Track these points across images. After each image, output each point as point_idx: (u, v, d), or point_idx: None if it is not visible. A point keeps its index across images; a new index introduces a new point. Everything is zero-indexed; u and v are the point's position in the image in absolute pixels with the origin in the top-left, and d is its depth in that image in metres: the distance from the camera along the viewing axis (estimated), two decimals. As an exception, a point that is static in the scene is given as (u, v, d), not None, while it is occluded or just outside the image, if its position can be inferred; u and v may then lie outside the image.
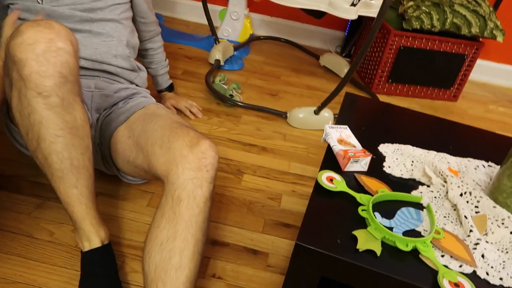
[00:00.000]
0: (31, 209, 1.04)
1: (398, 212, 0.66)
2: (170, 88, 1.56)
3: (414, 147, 0.84)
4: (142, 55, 1.40)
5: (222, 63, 1.92)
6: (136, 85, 1.17)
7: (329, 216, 0.64)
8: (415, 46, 1.88)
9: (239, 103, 1.65)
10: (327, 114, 1.59)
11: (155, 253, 0.75)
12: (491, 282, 0.57)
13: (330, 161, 0.76)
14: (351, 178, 0.73)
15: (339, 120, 0.91)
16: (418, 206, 0.69)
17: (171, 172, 0.80)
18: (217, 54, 1.91)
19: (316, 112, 1.57)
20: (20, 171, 1.15)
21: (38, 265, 0.91)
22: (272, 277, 0.97)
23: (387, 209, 0.66)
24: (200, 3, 1.97)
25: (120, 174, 1.07)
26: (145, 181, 1.14)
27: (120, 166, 1.01)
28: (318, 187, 0.69)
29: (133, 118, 0.99)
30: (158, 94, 1.56)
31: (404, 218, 0.65)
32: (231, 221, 1.11)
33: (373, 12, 1.71)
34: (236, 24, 2.18)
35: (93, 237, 0.84)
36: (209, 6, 1.97)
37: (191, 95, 1.70)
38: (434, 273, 0.57)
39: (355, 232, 0.60)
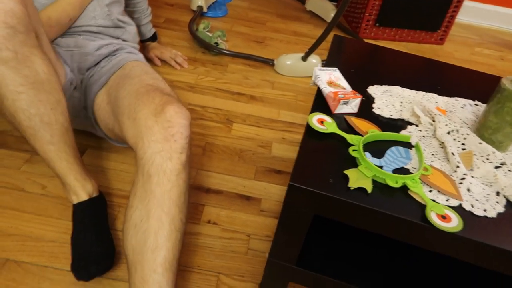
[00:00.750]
0: (20, 163, 1.03)
1: (388, 151, 0.67)
2: (154, 37, 1.51)
3: (403, 88, 0.84)
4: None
5: (205, 9, 1.85)
6: (123, 40, 1.11)
7: (321, 157, 0.66)
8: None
9: (225, 51, 1.61)
10: (314, 60, 1.57)
11: (131, 235, 0.72)
12: (476, 213, 0.60)
13: (320, 104, 0.76)
14: (341, 120, 0.74)
15: (328, 62, 0.90)
16: (407, 145, 0.70)
17: (138, 146, 0.75)
18: (199, 0, 1.83)
19: (304, 59, 1.55)
20: (4, 126, 1.12)
21: (33, 217, 0.92)
22: (266, 221, 1.00)
23: (377, 149, 0.68)
24: None
25: (107, 138, 1.05)
26: None
27: (104, 131, 0.99)
28: (309, 129, 0.70)
29: (111, 80, 0.95)
30: (142, 45, 1.51)
31: (393, 157, 0.67)
32: (223, 169, 1.13)
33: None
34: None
35: (79, 191, 0.84)
36: None
37: (175, 44, 1.65)
38: (423, 207, 0.59)
39: (347, 172, 0.62)
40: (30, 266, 0.83)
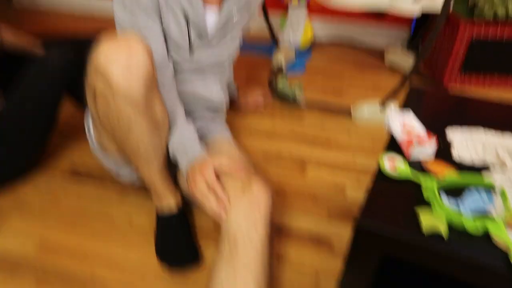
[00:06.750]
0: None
1: (467, 191, 0.63)
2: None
3: (486, 130, 0.80)
4: None
5: (284, 69, 1.93)
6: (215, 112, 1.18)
7: (391, 200, 0.64)
8: (488, 38, 1.76)
9: (302, 103, 1.66)
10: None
11: None
12: None
13: (394, 146, 0.75)
14: (417, 165, 0.71)
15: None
16: (490, 189, 0.66)
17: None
18: (280, 59, 1.92)
19: (381, 108, 1.54)
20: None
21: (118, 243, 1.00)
22: (335, 263, 0.97)
23: (455, 192, 0.64)
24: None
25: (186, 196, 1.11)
26: None
27: (183, 194, 1.05)
28: (380, 172, 0.69)
29: None
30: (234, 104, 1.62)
31: (473, 199, 0.62)
32: (296, 211, 1.13)
33: (437, 8, 1.62)
34: (296, 29, 2.15)
35: (172, 203, 1.00)
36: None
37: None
38: (506, 254, 0.54)
39: (420, 216, 0.59)
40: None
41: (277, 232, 1.06)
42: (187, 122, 0.96)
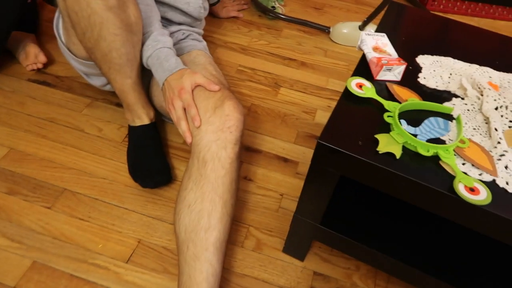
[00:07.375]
0: (82, 107, 1.13)
1: (425, 120, 0.66)
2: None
3: (455, 60, 0.80)
4: None
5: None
6: (191, 26, 1.12)
7: (354, 120, 0.66)
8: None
9: (281, 16, 1.60)
10: (372, 30, 1.51)
11: (184, 214, 0.75)
12: (510, 191, 0.57)
13: (363, 69, 0.76)
14: (382, 87, 0.73)
15: (378, 29, 0.87)
16: (448, 117, 0.68)
17: (194, 133, 0.80)
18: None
19: (361, 28, 1.50)
20: (72, 73, 1.22)
21: (88, 155, 1.01)
22: (300, 183, 1.03)
23: (416, 118, 0.66)
24: None
25: (159, 111, 1.09)
26: None
27: (155, 105, 1.03)
28: (346, 92, 0.70)
29: None
30: (213, 9, 1.55)
31: (430, 127, 0.65)
32: (265, 130, 1.15)
33: None
34: None
35: (143, 116, 0.98)
36: None
37: (233, 6, 1.66)
38: (452, 178, 0.58)
39: (377, 136, 0.62)
40: (83, 197, 0.93)
41: (245, 153, 1.09)
42: (163, 31, 0.92)
